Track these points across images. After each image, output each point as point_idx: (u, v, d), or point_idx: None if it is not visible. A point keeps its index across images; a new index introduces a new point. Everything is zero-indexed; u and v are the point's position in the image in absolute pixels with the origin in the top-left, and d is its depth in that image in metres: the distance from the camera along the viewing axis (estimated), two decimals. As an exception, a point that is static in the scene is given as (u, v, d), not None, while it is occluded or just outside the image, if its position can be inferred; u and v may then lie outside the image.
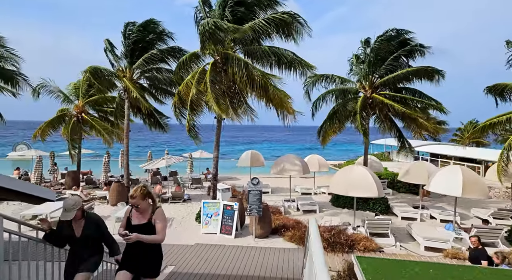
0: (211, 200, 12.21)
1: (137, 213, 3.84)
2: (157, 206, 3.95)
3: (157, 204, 3.98)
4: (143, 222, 3.81)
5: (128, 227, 3.80)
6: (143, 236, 3.64)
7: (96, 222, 4.01)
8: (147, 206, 3.83)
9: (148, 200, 3.84)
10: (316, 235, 2.30)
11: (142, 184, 3.94)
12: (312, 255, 1.94)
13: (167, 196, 16.15)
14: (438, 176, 10.59)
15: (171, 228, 11.87)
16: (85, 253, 3.92)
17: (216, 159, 12.92)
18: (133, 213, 3.88)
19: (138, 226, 3.79)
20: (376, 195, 10.42)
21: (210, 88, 10.93)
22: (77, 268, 3.81)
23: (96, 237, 3.98)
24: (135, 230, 3.70)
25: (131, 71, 15.10)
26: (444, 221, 13.39)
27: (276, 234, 11.12)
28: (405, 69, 14.50)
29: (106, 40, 15.05)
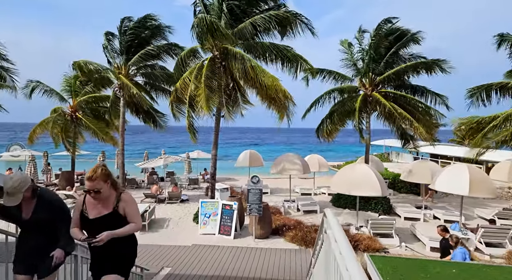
0: (210, 199, 11.82)
1: (94, 203, 2.88)
2: (121, 190, 3.06)
3: (120, 188, 3.09)
4: (105, 213, 2.86)
5: (85, 224, 2.88)
6: (117, 232, 2.76)
7: (50, 202, 3.07)
8: (109, 192, 2.90)
9: (109, 183, 2.90)
10: (337, 225, 1.94)
11: (102, 163, 3.03)
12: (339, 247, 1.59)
13: (163, 197, 15.72)
14: (444, 175, 10.29)
15: (168, 229, 11.47)
16: (39, 240, 3.03)
17: (214, 157, 12.56)
18: (88, 204, 2.90)
19: (100, 220, 2.84)
20: (379, 194, 10.10)
21: (204, 83, 10.60)
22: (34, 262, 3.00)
23: (51, 221, 3.03)
24: (97, 226, 2.80)
25: (126, 68, 14.73)
26: (448, 221, 13.07)
27: (277, 234, 10.75)
28: (404, 64, 14.26)
29: (106, 33, 14.66)
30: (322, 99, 16.29)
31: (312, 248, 9.40)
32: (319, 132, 16.72)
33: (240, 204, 11.47)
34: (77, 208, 2.94)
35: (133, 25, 14.10)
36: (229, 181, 23.71)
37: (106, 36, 14.66)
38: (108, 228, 2.74)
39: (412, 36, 14.57)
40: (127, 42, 14.44)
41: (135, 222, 2.94)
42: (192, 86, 11.29)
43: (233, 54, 10.82)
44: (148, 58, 14.47)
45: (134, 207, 3.01)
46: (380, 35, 14.48)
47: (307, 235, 9.79)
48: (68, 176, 18.52)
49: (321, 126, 16.72)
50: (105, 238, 2.66)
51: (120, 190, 3.03)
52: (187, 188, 20.06)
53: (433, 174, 13.26)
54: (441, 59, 14.26)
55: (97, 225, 2.80)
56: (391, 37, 14.58)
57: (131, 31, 14.27)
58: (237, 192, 17.65)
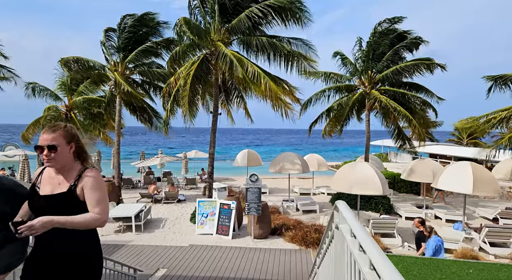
0: (207, 198, 11.53)
1: (52, 176, 2.12)
2: (89, 166, 2.19)
3: (89, 162, 2.22)
4: (59, 191, 2.06)
5: (33, 203, 2.09)
6: (61, 219, 1.88)
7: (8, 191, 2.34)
8: (70, 161, 2.10)
9: (73, 147, 2.11)
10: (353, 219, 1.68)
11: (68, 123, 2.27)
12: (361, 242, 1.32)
13: (160, 197, 15.40)
14: (447, 173, 10.07)
15: (164, 229, 11.16)
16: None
17: (212, 156, 12.28)
18: (44, 177, 2.14)
19: (49, 200, 2.04)
20: (380, 193, 9.85)
21: (190, 84, 10.35)
22: None
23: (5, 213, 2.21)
24: (45, 208, 1.99)
25: (123, 65, 14.41)
26: (449, 221, 12.88)
27: (276, 234, 10.48)
28: (403, 63, 14.05)
29: (105, 29, 14.34)
30: (318, 96, 16.03)
31: (312, 248, 9.14)
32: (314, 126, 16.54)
33: (238, 204, 11.19)
34: (32, 183, 2.17)
35: (132, 22, 13.81)
36: (227, 182, 23.41)
37: (105, 32, 14.34)
38: (59, 214, 1.91)
39: (415, 39, 14.38)
40: (125, 39, 14.13)
41: (96, 212, 2.00)
42: (181, 81, 11.02)
43: (222, 55, 10.44)
44: (146, 55, 14.16)
45: (97, 189, 2.06)
46: (381, 33, 14.28)
47: (307, 235, 9.53)
48: (62, 176, 18.10)
49: (319, 121, 16.54)
50: (39, 226, 1.79)
51: (88, 165, 2.19)
52: (184, 188, 19.74)
53: (434, 173, 13.06)
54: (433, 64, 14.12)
55: (45, 207, 2.00)
56: (393, 36, 14.37)
57: (129, 29, 13.97)
58: (235, 192, 17.36)
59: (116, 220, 10.77)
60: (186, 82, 10.54)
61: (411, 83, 14.92)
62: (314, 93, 15.90)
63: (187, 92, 10.23)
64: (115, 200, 13.93)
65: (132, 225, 10.53)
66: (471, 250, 8.89)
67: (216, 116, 12.23)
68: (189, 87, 10.28)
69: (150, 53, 14.10)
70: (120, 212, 10.84)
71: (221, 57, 10.20)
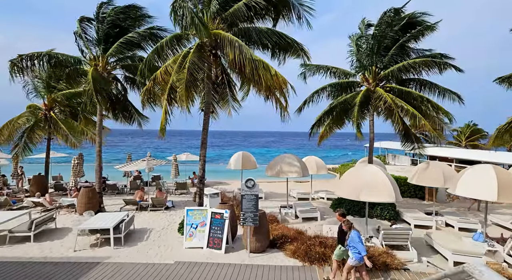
0: (197, 207, 10.25)
1: None
2: None
3: None
4: None
5: None
6: None
7: None
8: None
9: None
10: None
11: None
12: None
13: (146, 204, 14.05)
14: (466, 178, 8.98)
15: (148, 242, 9.84)
16: None
17: (203, 158, 11.02)
18: None
19: None
20: (393, 200, 8.71)
21: (188, 69, 9.14)
22: None
23: None
24: None
25: (104, 59, 13.09)
26: (463, 229, 11.81)
27: (275, 247, 9.26)
28: (412, 59, 12.96)
29: (80, 19, 12.97)
30: (318, 95, 14.90)
31: (318, 265, 7.95)
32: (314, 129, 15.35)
33: (232, 212, 9.96)
34: None
35: (114, 12, 12.50)
36: (220, 186, 22.14)
37: (80, 22, 12.98)
38: None
39: (423, 26, 13.28)
40: (105, 30, 12.82)
41: None
42: (174, 76, 9.79)
43: (228, 41, 9.29)
44: (129, 48, 12.85)
45: None
46: (385, 24, 13.19)
47: (310, 248, 8.33)
48: (40, 180, 16.62)
49: (317, 124, 15.37)
50: None
51: None
52: (174, 193, 18.41)
53: (446, 176, 12.03)
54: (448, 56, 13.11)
55: None
56: (397, 27, 13.31)
57: (110, 19, 12.67)
58: (228, 197, 16.09)
59: (92, 232, 9.42)
60: (183, 67, 9.32)
61: (424, 81, 13.85)
62: (314, 90, 14.76)
63: (184, 75, 9.00)
64: (94, 209, 12.55)
65: (111, 238, 9.19)
66: (499, 266, 7.81)
67: (208, 114, 11.01)
68: (187, 70, 9.05)
69: (133, 45, 12.79)
70: (97, 223, 9.50)
71: (227, 44, 9.10)
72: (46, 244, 9.42)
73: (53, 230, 10.77)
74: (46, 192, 16.61)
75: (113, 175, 21.37)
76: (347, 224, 6.95)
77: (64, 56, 12.47)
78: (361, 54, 13.93)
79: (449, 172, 12.18)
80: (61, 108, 17.38)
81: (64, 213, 13.23)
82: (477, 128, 35.86)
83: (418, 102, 12.95)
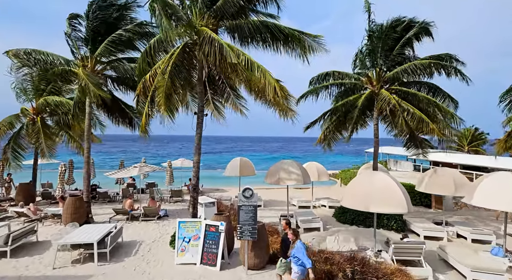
0: (190, 218, 9.43)
1: None
2: None
3: None
4: None
5: None
6: None
7: None
8: None
9: None
10: None
11: None
12: None
13: (138, 213, 13.20)
14: (484, 187, 8.22)
15: (136, 257, 8.99)
16: None
17: (197, 165, 10.23)
18: None
19: None
20: (405, 211, 7.95)
21: (169, 74, 8.43)
22: None
23: None
24: None
25: (92, 60, 12.35)
26: (476, 241, 11.03)
27: (275, 263, 8.41)
28: (417, 60, 12.33)
29: (70, 17, 12.24)
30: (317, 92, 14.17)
31: (323, 285, 7.13)
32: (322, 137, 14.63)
33: (228, 223, 9.16)
34: None
35: (99, 6, 11.75)
36: (217, 193, 21.30)
37: (69, 20, 12.27)
38: None
39: (422, 26, 12.68)
40: (94, 28, 12.07)
41: None
42: (159, 77, 9.06)
43: (209, 40, 8.47)
44: (119, 47, 12.12)
45: None
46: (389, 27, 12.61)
47: (315, 266, 7.50)
48: (26, 189, 15.72)
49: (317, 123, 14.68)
50: None
51: None
52: (169, 202, 17.55)
53: (457, 184, 11.30)
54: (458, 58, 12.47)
55: None
56: (400, 28, 12.69)
57: (96, 15, 11.86)
58: (225, 205, 15.26)
59: (75, 247, 8.56)
60: (165, 71, 8.58)
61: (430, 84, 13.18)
62: (313, 87, 14.03)
63: (164, 82, 8.27)
64: (82, 219, 11.69)
65: (95, 254, 8.34)
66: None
67: (202, 117, 10.24)
68: (168, 75, 8.32)
69: (123, 44, 12.06)
70: (80, 236, 8.65)
71: (208, 43, 8.29)
72: (23, 261, 8.55)
73: (34, 244, 9.90)
74: (33, 200, 15.73)
75: (106, 182, 20.49)
76: (294, 232, 6.46)
77: (52, 55, 11.74)
78: (365, 55, 13.30)
79: (460, 179, 11.46)
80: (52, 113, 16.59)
81: (50, 224, 12.36)
82: (478, 132, 35.21)
83: (424, 105, 12.25)
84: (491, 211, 15.79)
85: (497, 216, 14.64)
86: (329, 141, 15.08)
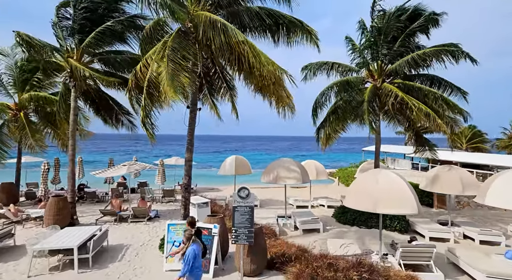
0: (180, 221, 8.70)
1: None
2: None
3: None
4: None
5: None
6: None
7: None
8: None
9: None
10: None
11: None
12: None
13: (127, 214, 12.43)
14: (498, 186, 7.63)
15: (121, 262, 8.24)
16: None
17: (189, 163, 9.50)
18: None
19: None
20: (415, 212, 7.32)
21: (168, 57, 7.67)
22: None
23: None
24: None
25: (79, 52, 11.53)
26: (484, 242, 10.46)
27: (274, 268, 7.77)
28: (422, 50, 11.68)
29: (58, 6, 11.43)
30: (325, 95, 13.54)
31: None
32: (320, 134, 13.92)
33: (223, 225, 8.47)
34: None
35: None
36: (212, 192, 20.56)
37: (57, 10, 11.46)
38: None
39: (429, 17, 12.02)
40: (82, 19, 11.28)
41: None
42: (153, 66, 8.32)
43: (210, 22, 7.83)
44: (108, 39, 11.33)
45: None
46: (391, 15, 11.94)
47: (317, 272, 6.82)
48: (9, 189, 14.85)
49: (321, 129, 13.95)
50: None
51: None
52: (161, 202, 16.78)
53: (464, 183, 10.72)
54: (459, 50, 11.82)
55: None
56: (404, 17, 12.03)
57: (85, 5, 11.15)
58: (220, 205, 14.54)
59: (53, 253, 7.78)
60: (163, 55, 7.81)
61: (433, 76, 12.55)
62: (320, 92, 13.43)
63: (165, 65, 7.51)
64: (65, 221, 10.89)
65: (75, 260, 7.57)
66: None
67: (195, 111, 9.52)
68: (166, 59, 7.56)
69: (113, 37, 11.29)
70: (60, 241, 7.88)
71: (209, 26, 7.64)
72: (-4, 268, 7.77)
73: (11, 249, 9.10)
74: (16, 201, 14.90)
75: (95, 181, 19.62)
76: (188, 233, 5.79)
77: (36, 40, 10.89)
78: (366, 47, 12.63)
79: (468, 178, 10.89)
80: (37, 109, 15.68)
81: (31, 227, 11.54)
82: (477, 130, 34.87)
83: (430, 100, 11.65)
84: (496, 211, 15.30)
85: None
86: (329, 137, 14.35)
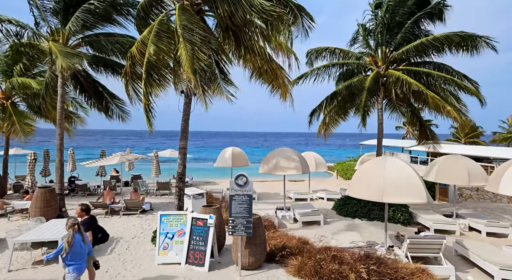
0: (174, 211, 8.16)
1: None
2: None
3: None
4: None
5: None
6: None
7: None
8: None
9: None
10: None
11: None
12: None
13: (119, 207, 11.89)
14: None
15: (111, 256, 7.72)
16: None
17: (183, 151, 8.96)
18: None
19: None
20: (425, 201, 6.90)
21: (183, 35, 7.08)
22: None
23: None
24: None
25: (64, 33, 10.85)
26: (491, 234, 10.09)
27: (274, 261, 7.30)
28: (432, 35, 11.16)
29: None
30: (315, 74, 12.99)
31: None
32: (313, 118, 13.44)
33: (219, 216, 7.97)
34: None
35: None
36: (208, 186, 20.03)
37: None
38: None
39: (437, 6, 11.47)
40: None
41: None
42: (151, 48, 7.70)
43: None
44: (95, 20, 10.65)
45: None
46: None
47: (321, 265, 6.36)
48: (-4, 180, 14.22)
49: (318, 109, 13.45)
50: None
51: None
52: (155, 195, 16.25)
53: (471, 174, 10.30)
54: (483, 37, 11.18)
55: None
56: (411, 2, 11.51)
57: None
58: (216, 198, 14.07)
59: (36, 246, 7.23)
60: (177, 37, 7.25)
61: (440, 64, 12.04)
62: (314, 67, 12.82)
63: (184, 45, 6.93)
64: (53, 213, 10.30)
65: (60, 254, 7.02)
66: None
67: (190, 98, 8.94)
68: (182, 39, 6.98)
69: (100, 17, 10.59)
70: (43, 233, 7.33)
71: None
72: (-25, 262, 7.20)
73: (-8, 242, 8.53)
74: (3, 194, 14.29)
75: (87, 174, 19.00)
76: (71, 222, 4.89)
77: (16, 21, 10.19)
78: (369, 32, 12.11)
79: (474, 168, 10.46)
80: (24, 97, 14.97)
81: (17, 219, 10.96)
82: (474, 124, 34.75)
83: (437, 87, 11.17)
84: (500, 203, 14.99)
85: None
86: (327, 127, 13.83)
